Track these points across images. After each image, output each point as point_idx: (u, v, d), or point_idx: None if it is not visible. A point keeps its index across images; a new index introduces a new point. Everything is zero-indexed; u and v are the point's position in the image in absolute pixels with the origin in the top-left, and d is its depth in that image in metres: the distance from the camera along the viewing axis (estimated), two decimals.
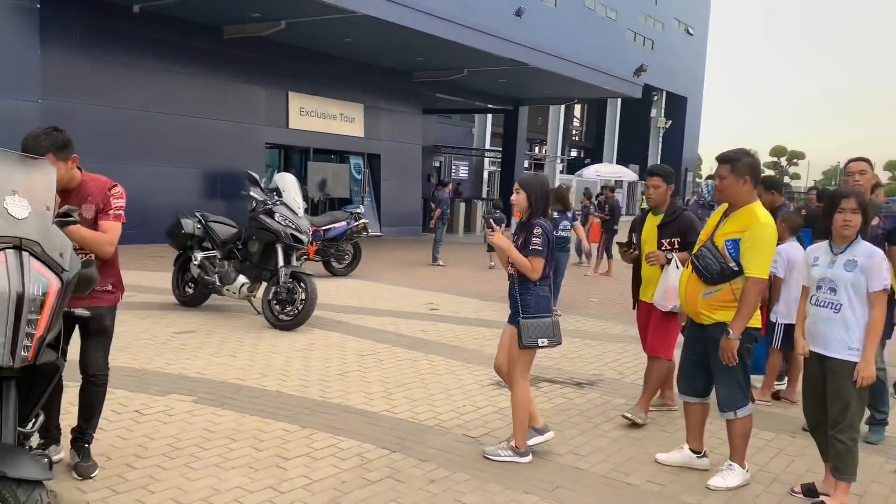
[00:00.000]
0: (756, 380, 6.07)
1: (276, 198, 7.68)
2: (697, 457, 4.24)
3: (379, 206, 19.78)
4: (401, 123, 20.65)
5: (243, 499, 3.57)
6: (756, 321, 3.88)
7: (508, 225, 8.93)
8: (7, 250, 2.21)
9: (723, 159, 3.85)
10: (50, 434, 3.70)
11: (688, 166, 44.24)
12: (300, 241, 7.45)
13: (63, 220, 2.85)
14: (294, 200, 7.59)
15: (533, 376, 6.09)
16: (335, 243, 11.19)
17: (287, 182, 7.76)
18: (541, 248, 4.07)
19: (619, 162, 39.05)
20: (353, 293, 9.98)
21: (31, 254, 2.26)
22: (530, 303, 4.13)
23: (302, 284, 7.25)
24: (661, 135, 42.29)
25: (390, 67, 19.10)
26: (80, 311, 2.60)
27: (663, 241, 4.78)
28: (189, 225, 7.97)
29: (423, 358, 6.56)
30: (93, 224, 3.47)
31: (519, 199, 4.20)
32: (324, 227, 10.95)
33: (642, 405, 5.00)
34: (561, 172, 39.02)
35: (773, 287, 5.51)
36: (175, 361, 5.96)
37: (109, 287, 3.65)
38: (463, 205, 23.69)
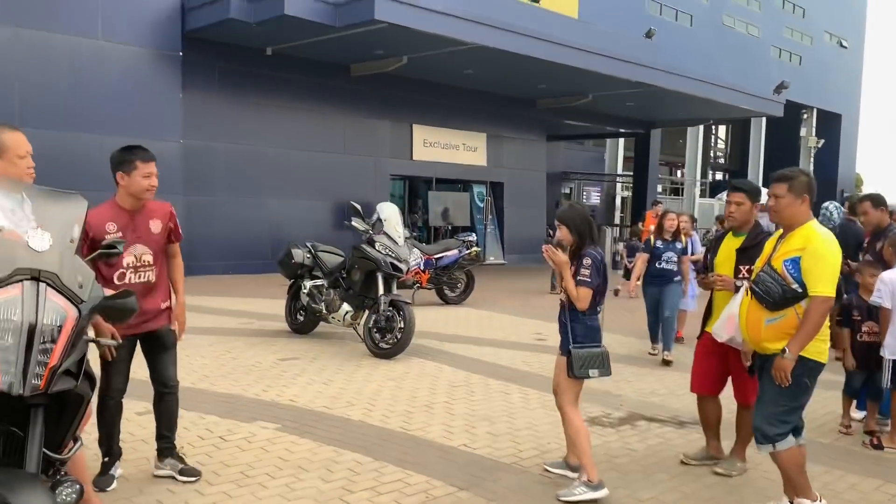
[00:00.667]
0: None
1: (379, 227, 7.77)
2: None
3: (502, 233, 19.71)
4: (524, 151, 20.57)
5: None
6: (822, 355, 3.48)
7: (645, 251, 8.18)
8: (24, 282, 2.29)
9: (779, 178, 3.59)
10: (112, 451, 3.94)
11: (844, 187, 40.99)
12: (399, 270, 7.48)
13: (108, 251, 2.97)
14: (395, 229, 7.65)
15: (630, 413, 5.75)
16: (448, 271, 11.20)
17: (388, 211, 7.84)
18: (588, 280, 3.97)
19: (765, 185, 36.76)
20: (462, 322, 9.91)
21: (50, 285, 2.34)
22: (578, 331, 4.03)
23: (401, 313, 7.26)
24: (812, 155, 39.49)
25: (513, 96, 19.13)
26: (105, 342, 2.67)
27: (741, 266, 4.31)
28: (299, 255, 8.23)
29: (517, 390, 6.35)
30: (161, 237, 3.98)
31: (562, 233, 4.13)
32: (436, 256, 10.99)
33: (737, 454, 4.53)
34: (701, 196, 37.29)
35: (881, 319, 4.88)
36: (271, 388, 6.11)
37: (164, 306, 4.03)
38: None
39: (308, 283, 8.13)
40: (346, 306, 7.74)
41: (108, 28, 12.41)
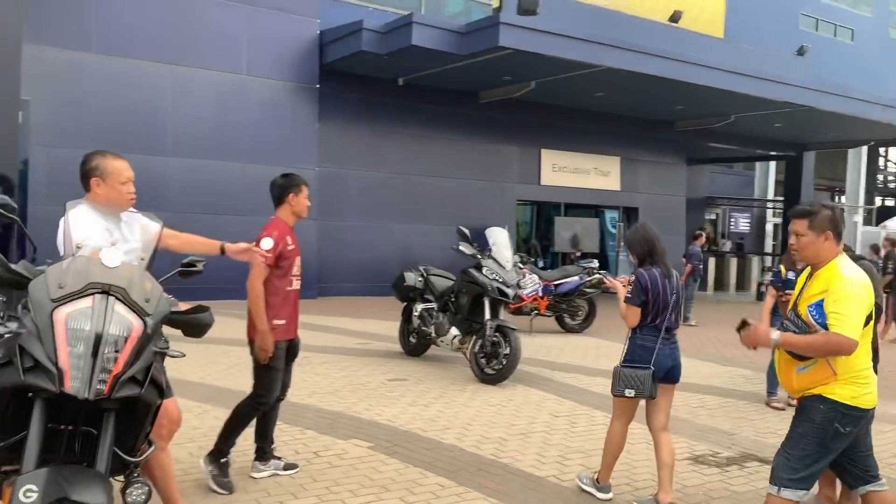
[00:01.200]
0: None
1: (487, 251, 7.79)
2: None
3: None
4: (661, 175, 19.92)
5: None
6: (858, 399, 3.19)
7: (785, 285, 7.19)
8: (95, 295, 2.50)
9: (799, 214, 3.32)
10: (223, 454, 4.29)
11: None
12: (506, 295, 7.44)
13: (187, 269, 3.18)
14: (502, 254, 7.63)
15: (741, 453, 5.38)
16: (568, 298, 11.00)
17: (497, 236, 7.85)
18: (631, 297, 4.23)
19: None
20: (579, 350, 9.67)
21: (118, 298, 2.53)
22: (629, 349, 4.28)
23: (507, 339, 7.21)
24: None
25: (648, 118, 18.62)
26: (173, 353, 2.84)
27: None
28: (411, 278, 8.40)
29: None
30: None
31: (631, 257, 4.47)
32: (555, 282, 10.83)
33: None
34: (865, 224, 34.39)
35: None
36: (373, 407, 6.23)
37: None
38: (735, 260, 21.94)
39: (419, 307, 8.27)
40: (454, 330, 7.78)
41: (252, 64, 13.34)
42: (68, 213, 2.82)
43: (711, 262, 20.45)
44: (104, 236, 3.17)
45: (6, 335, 2.65)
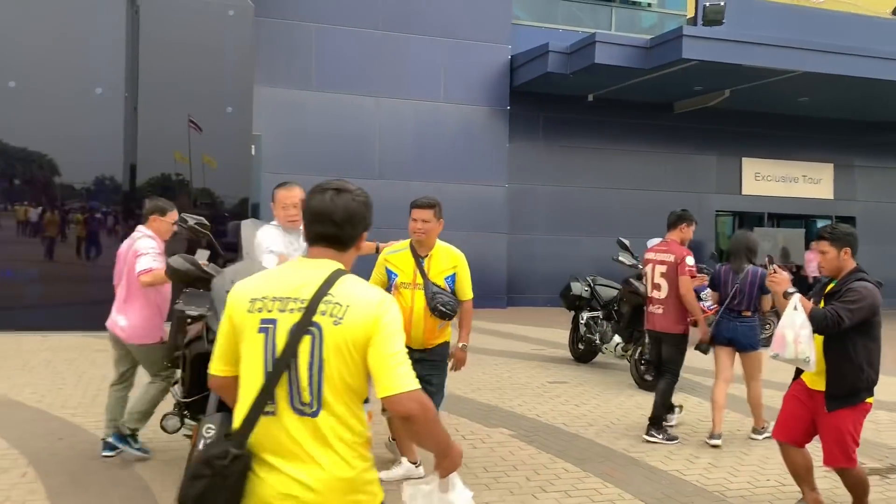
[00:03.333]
0: None
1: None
2: (416, 466, 4.65)
3: None
4: (883, 180, 18.24)
5: None
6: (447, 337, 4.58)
7: None
8: None
9: (423, 205, 4.48)
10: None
11: None
12: None
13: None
14: None
15: (893, 467, 5.25)
16: None
17: None
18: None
19: None
20: None
21: None
22: None
23: None
24: None
25: (864, 120, 17.23)
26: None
27: None
28: (577, 287, 8.83)
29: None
30: None
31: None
32: None
33: None
34: None
35: None
36: (526, 404, 6.81)
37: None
38: None
39: (585, 315, 8.68)
40: (617, 338, 8.11)
41: (448, 91, 14.50)
42: (258, 230, 3.79)
43: None
44: (285, 247, 4.11)
45: (203, 316, 3.65)
